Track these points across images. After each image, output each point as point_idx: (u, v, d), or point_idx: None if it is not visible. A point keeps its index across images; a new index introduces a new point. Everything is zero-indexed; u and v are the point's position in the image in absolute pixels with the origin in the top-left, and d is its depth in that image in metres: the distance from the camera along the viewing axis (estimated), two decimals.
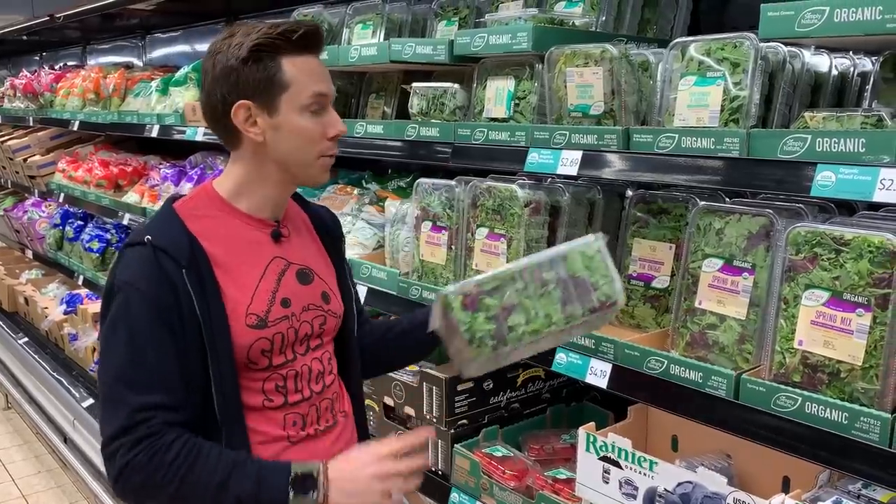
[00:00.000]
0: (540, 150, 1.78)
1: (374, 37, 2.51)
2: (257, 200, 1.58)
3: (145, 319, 1.45)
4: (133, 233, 1.57)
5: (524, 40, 1.78)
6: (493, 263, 1.97)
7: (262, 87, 1.48)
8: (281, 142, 1.52)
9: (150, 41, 5.54)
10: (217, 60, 1.48)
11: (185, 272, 1.47)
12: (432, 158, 2.12)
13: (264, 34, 1.47)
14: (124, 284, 1.47)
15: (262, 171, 1.56)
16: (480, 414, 2.25)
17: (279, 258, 1.60)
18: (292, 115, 1.51)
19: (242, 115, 1.49)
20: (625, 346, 1.67)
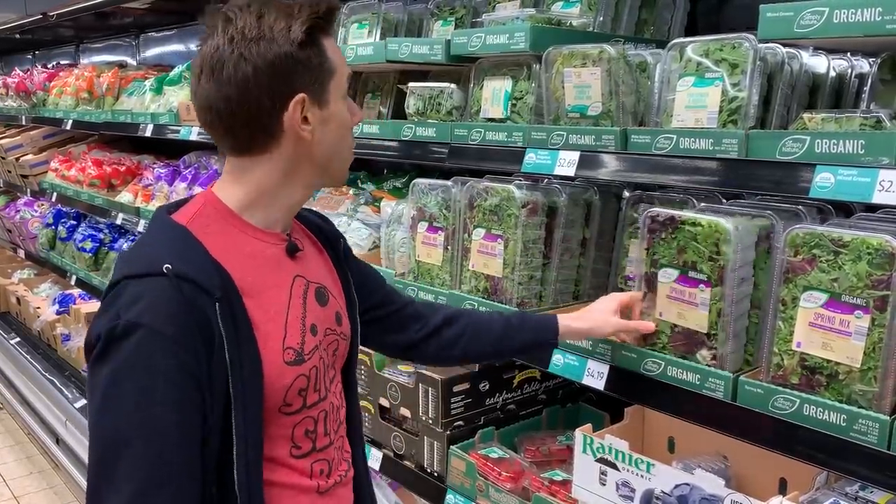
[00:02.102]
0: (537, 151, 1.78)
1: (371, 36, 2.50)
2: (276, 212, 1.33)
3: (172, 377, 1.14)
4: (134, 260, 1.24)
5: (521, 40, 1.77)
6: (489, 264, 1.96)
7: (318, 75, 1.26)
8: (327, 136, 1.30)
9: (144, 40, 5.51)
10: (256, 50, 1.20)
11: (218, 306, 1.19)
12: (429, 159, 2.12)
13: (312, 13, 1.23)
14: (137, 326, 1.13)
15: (294, 176, 1.31)
16: (476, 415, 2.24)
17: (300, 277, 1.36)
18: (339, 105, 1.31)
19: (299, 111, 1.24)
20: (622, 347, 1.66)
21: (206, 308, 1.18)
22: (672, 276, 1.59)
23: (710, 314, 1.54)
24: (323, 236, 1.52)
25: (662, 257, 1.61)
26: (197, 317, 1.17)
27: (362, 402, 2.47)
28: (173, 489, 1.14)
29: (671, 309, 1.61)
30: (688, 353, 1.59)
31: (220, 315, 1.19)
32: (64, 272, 4.72)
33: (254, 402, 1.23)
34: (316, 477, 1.36)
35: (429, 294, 2.12)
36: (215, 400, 1.19)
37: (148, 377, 1.13)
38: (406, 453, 2.31)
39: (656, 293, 1.63)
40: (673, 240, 1.59)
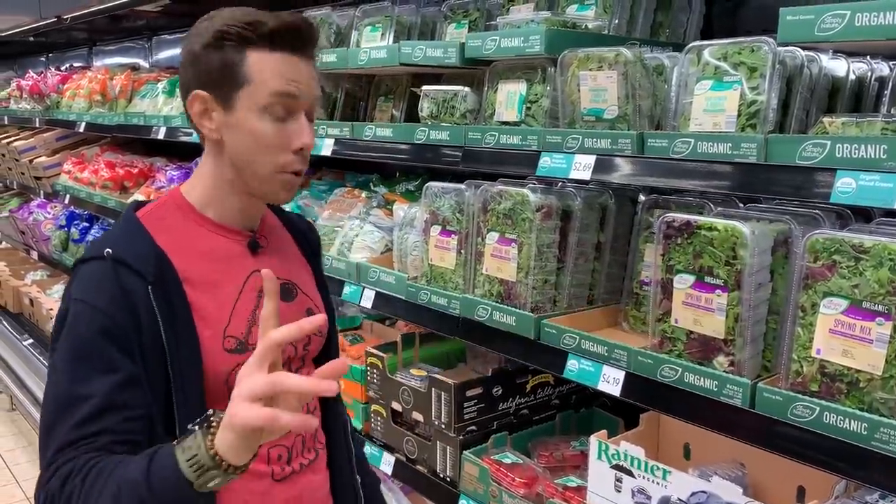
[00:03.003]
0: (552, 155, 1.76)
1: (384, 39, 2.50)
2: (227, 209, 1.42)
3: (96, 340, 1.27)
4: (91, 246, 1.38)
5: (537, 43, 1.76)
6: (503, 268, 1.95)
7: (219, 77, 1.33)
8: (236, 143, 1.36)
9: (157, 42, 5.53)
10: (185, 44, 1.36)
11: (150, 288, 1.30)
12: (442, 162, 2.11)
13: (234, 21, 1.32)
14: (76, 301, 1.29)
15: (224, 175, 1.40)
16: (489, 420, 2.23)
17: (256, 273, 1.41)
18: (250, 115, 1.34)
19: (198, 106, 1.36)
20: (638, 353, 1.65)
21: (138, 289, 1.30)
22: (688, 282, 1.58)
23: (727, 320, 1.52)
24: (303, 238, 1.62)
25: (678, 263, 1.60)
26: (129, 297, 1.29)
27: (374, 407, 2.47)
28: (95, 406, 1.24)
29: (687, 315, 1.59)
30: (704, 360, 1.57)
31: (154, 297, 1.30)
32: None
33: (193, 383, 1.32)
34: (273, 462, 1.42)
35: (442, 298, 2.11)
36: (153, 377, 1.29)
37: (88, 342, 1.27)
38: (418, 458, 2.30)
39: (672, 299, 1.62)
40: (689, 245, 1.57)
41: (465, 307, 2.03)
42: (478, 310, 1.99)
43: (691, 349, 1.59)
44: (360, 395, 2.52)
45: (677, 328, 1.61)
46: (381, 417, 2.44)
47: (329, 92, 2.76)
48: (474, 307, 2.00)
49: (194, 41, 1.34)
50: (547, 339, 1.84)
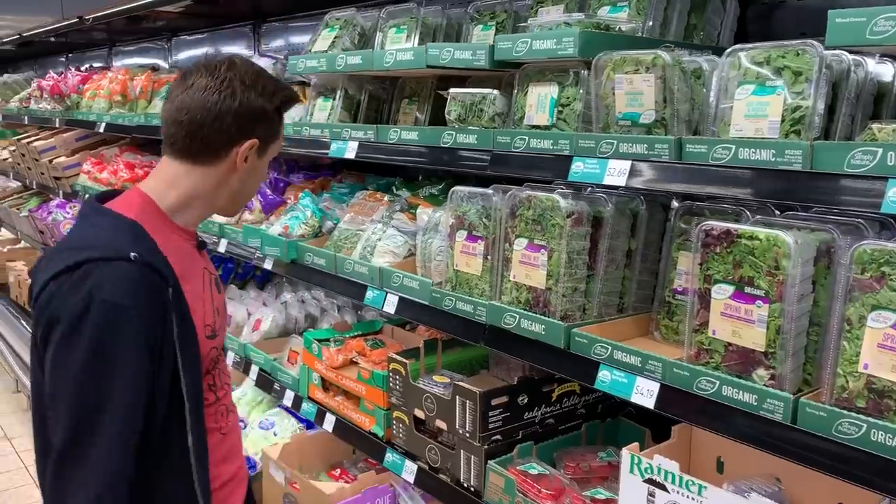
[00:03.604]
0: (585, 160, 1.72)
1: (409, 41, 2.46)
2: (193, 217, 1.65)
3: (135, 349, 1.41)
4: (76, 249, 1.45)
5: (570, 46, 1.72)
6: (532, 275, 1.91)
7: (273, 132, 1.65)
8: (251, 179, 1.66)
9: (176, 43, 5.53)
10: (246, 94, 1.56)
11: (171, 291, 1.47)
12: (469, 166, 2.07)
13: (292, 93, 1.68)
14: (107, 304, 1.37)
15: (217, 194, 1.63)
16: (514, 429, 2.18)
17: (206, 269, 1.69)
18: (265, 162, 1.68)
19: (247, 150, 1.59)
20: (673, 364, 1.60)
21: (164, 292, 1.47)
22: (727, 292, 1.53)
23: (767, 332, 1.47)
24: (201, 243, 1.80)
25: (717, 272, 1.55)
26: (158, 298, 1.45)
27: (396, 413, 2.44)
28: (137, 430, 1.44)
29: (725, 326, 1.54)
30: (743, 373, 1.52)
31: (173, 298, 1.48)
32: None
33: (195, 368, 1.55)
34: (220, 420, 1.70)
35: (468, 304, 2.07)
36: (164, 368, 1.47)
37: (123, 348, 1.40)
38: (441, 467, 2.26)
39: (709, 310, 1.57)
40: (728, 254, 1.53)
41: (492, 314, 1.99)
42: (505, 317, 1.95)
43: (729, 361, 1.54)
44: (382, 401, 2.49)
45: (715, 340, 1.56)
46: (404, 424, 2.40)
47: (352, 94, 2.72)
48: (501, 315, 1.96)
49: (258, 97, 1.57)
50: (577, 348, 1.80)
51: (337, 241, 2.79)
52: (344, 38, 2.64)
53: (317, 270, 2.72)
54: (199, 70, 1.58)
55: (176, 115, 1.56)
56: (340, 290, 2.62)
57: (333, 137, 2.59)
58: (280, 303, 3.58)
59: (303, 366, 2.87)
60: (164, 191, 1.59)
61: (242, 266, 4.12)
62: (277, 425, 3.16)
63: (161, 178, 1.61)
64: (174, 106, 1.57)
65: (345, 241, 2.77)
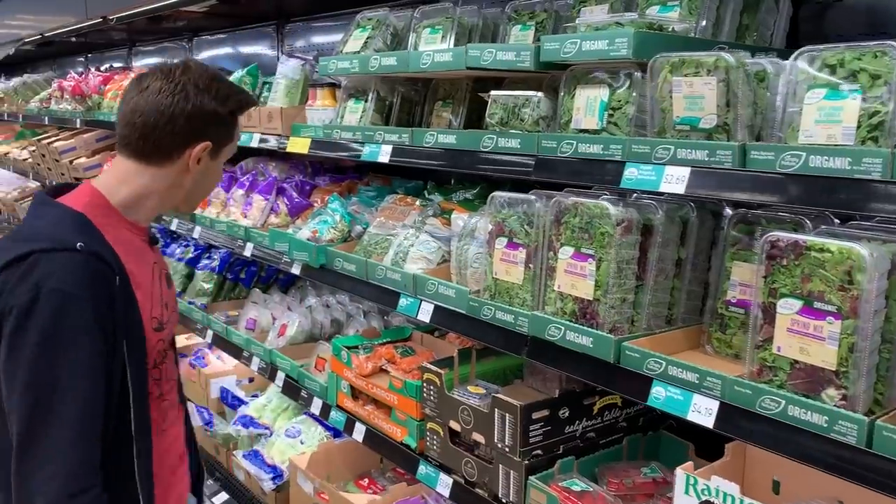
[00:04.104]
0: (639, 166, 1.64)
1: (444, 42, 2.39)
2: (146, 214, 1.72)
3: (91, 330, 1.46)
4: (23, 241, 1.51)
5: (623, 47, 1.64)
6: (578, 285, 1.83)
7: (226, 135, 1.72)
8: (204, 180, 1.74)
9: (197, 43, 5.49)
10: (200, 98, 1.61)
11: (118, 279, 1.54)
12: (510, 171, 2.00)
13: (247, 97, 1.76)
14: (57, 292, 1.43)
15: (171, 193, 1.71)
16: (555, 444, 2.11)
17: (156, 263, 1.77)
18: (219, 163, 1.76)
19: (200, 151, 1.66)
20: (734, 382, 1.52)
21: (111, 280, 1.52)
22: (794, 307, 1.45)
23: (839, 349, 1.39)
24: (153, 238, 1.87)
25: (783, 286, 1.47)
26: (105, 285, 1.51)
27: (430, 425, 2.36)
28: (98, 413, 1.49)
29: (792, 343, 1.46)
30: (810, 392, 1.44)
31: (119, 287, 1.54)
32: None
33: (140, 358, 1.61)
34: (163, 414, 1.76)
35: (508, 314, 2.00)
36: (116, 353, 1.54)
37: (73, 332, 1.45)
38: (478, 481, 2.19)
39: (774, 325, 1.49)
40: (796, 267, 1.45)
41: (535, 325, 1.92)
42: (549, 329, 1.87)
43: (795, 380, 1.46)
44: (415, 411, 2.42)
45: (780, 357, 1.48)
46: (438, 437, 2.33)
47: (384, 96, 2.66)
48: (545, 326, 1.88)
49: (212, 101, 1.63)
50: (628, 363, 1.72)
51: (367, 247, 2.72)
52: (376, 38, 2.58)
53: (347, 276, 2.66)
54: (155, 73, 1.63)
55: (130, 118, 1.62)
56: (372, 297, 2.55)
57: (366, 140, 2.53)
58: (305, 307, 3.52)
59: (331, 373, 2.81)
60: (115, 187, 1.66)
61: (266, 269, 4.07)
62: (304, 433, 3.10)
63: (114, 175, 1.68)
64: (129, 108, 1.63)
65: (375, 246, 2.70)
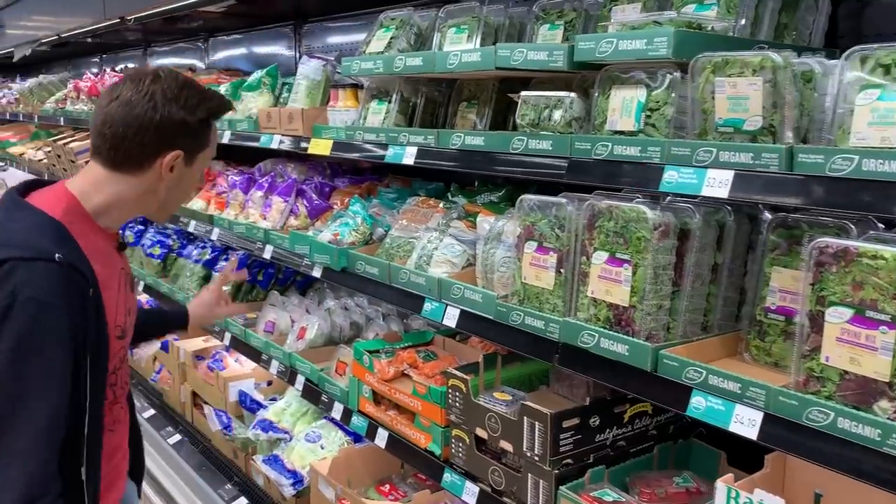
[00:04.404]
0: (680, 169, 1.59)
1: (470, 42, 2.34)
2: (117, 220, 1.74)
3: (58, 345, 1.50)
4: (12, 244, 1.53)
5: (663, 46, 1.59)
6: (613, 291, 1.78)
7: (198, 143, 1.72)
8: (178, 188, 1.75)
9: (213, 43, 5.46)
10: (168, 108, 1.62)
11: (91, 291, 1.56)
12: (541, 174, 1.95)
13: (218, 102, 1.75)
14: (33, 301, 1.46)
15: (144, 200, 1.72)
16: (585, 452, 2.06)
17: (123, 269, 1.77)
18: (196, 171, 1.77)
19: (172, 160, 1.66)
20: (779, 392, 1.47)
21: (85, 291, 1.55)
22: (844, 316, 1.40)
23: (893, 360, 1.34)
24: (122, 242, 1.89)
25: (832, 294, 1.42)
26: (79, 296, 1.53)
27: (455, 431, 2.32)
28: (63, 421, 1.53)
29: (842, 353, 1.41)
30: (861, 404, 1.39)
31: (92, 299, 1.56)
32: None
33: (101, 366, 1.64)
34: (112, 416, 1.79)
35: (538, 320, 1.95)
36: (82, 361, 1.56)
37: (47, 340, 1.49)
38: (506, 489, 2.14)
39: (822, 334, 1.44)
40: (846, 274, 1.39)
41: (567, 332, 1.87)
42: (582, 335, 1.83)
43: (845, 391, 1.41)
44: (440, 418, 2.37)
45: (828, 367, 1.43)
46: (464, 444, 2.29)
47: (407, 97, 2.62)
48: (577, 333, 1.84)
49: (181, 109, 1.64)
50: (666, 371, 1.67)
51: (389, 249, 2.68)
52: (400, 38, 2.54)
53: (369, 280, 2.62)
54: (126, 83, 1.65)
55: (101, 128, 1.64)
56: (395, 301, 2.51)
57: (390, 142, 2.49)
58: (324, 310, 3.48)
59: (352, 377, 2.77)
60: (89, 193, 1.67)
61: (283, 271, 4.03)
62: (324, 438, 3.07)
63: (88, 181, 1.69)
64: (100, 118, 1.65)
65: (397, 249, 2.66)
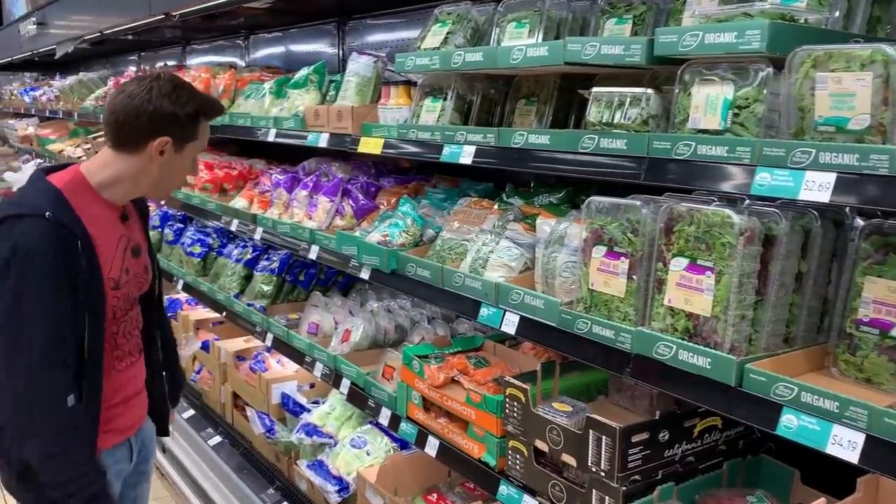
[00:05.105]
0: (773, 171, 1.49)
1: (531, 36, 2.25)
2: (119, 194, 2.09)
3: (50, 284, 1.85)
4: (12, 205, 1.93)
5: (756, 39, 1.49)
6: (693, 300, 1.68)
7: (187, 134, 2.06)
8: (170, 172, 2.09)
9: (254, 41, 5.42)
10: (160, 101, 1.98)
11: (80, 244, 1.91)
12: (614, 175, 1.85)
13: (205, 104, 2.10)
14: (31, 251, 1.83)
15: (139, 178, 2.07)
16: (654, 469, 1.96)
17: (124, 236, 2.12)
18: (186, 158, 2.11)
19: (161, 146, 2.02)
20: (884, 413, 1.36)
21: (72, 244, 1.90)
22: None
23: None
24: (144, 214, 2.34)
25: None
26: (66, 247, 1.89)
27: (512, 443, 2.23)
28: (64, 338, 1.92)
29: None
30: None
31: (82, 250, 1.91)
32: (170, 276, 4.63)
33: (98, 308, 2.00)
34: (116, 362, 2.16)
35: (607, 329, 1.85)
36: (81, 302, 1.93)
37: (40, 283, 1.85)
38: None
39: None
40: None
41: (640, 343, 1.77)
42: (657, 347, 1.73)
43: None
44: (495, 428, 2.28)
45: None
46: (521, 456, 2.19)
47: (463, 94, 2.53)
48: (653, 343, 1.74)
49: (173, 104, 2.00)
50: (752, 387, 1.57)
51: (440, 252, 2.60)
52: (457, 34, 2.45)
53: (420, 283, 2.53)
54: (132, 81, 2.04)
55: (109, 117, 2.03)
56: (449, 306, 2.42)
57: (446, 141, 2.40)
58: (367, 312, 3.41)
59: (401, 383, 2.69)
60: (97, 170, 2.06)
61: (325, 271, 3.97)
62: (370, 443, 2.99)
63: (97, 160, 2.09)
64: (109, 108, 2.03)
65: (449, 251, 2.58)
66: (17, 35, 8.40)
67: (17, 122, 9.71)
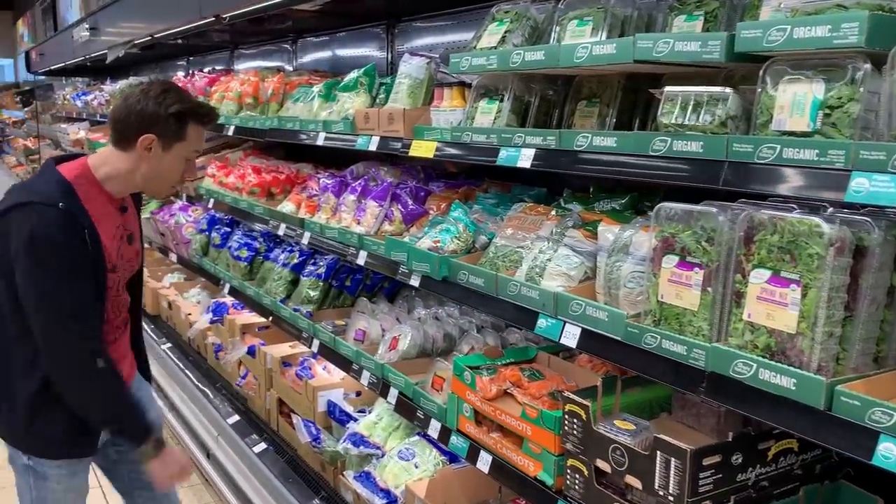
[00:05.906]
0: (872, 176, 1.36)
1: (595, 35, 2.14)
2: (119, 188, 2.35)
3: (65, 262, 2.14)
4: (27, 192, 2.21)
5: (853, 33, 1.37)
6: (776, 315, 1.56)
7: (172, 133, 2.28)
8: (158, 169, 2.33)
9: (302, 45, 5.40)
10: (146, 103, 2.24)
11: (86, 232, 2.18)
12: (687, 179, 1.74)
13: (190, 107, 2.31)
14: (50, 235, 2.12)
15: (132, 174, 2.32)
16: (726, 493, 1.83)
17: (121, 226, 2.39)
18: (177, 158, 2.34)
19: (146, 143, 2.27)
20: None
21: (79, 230, 2.18)
22: None
23: None
24: (138, 202, 2.61)
25: None
26: (76, 234, 2.17)
27: (571, 461, 2.11)
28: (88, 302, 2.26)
29: None
30: None
31: (89, 237, 2.20)
32: (217, 279, 4.62)
33: (101, 288, 2.30)
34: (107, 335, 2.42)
35: (679, 345, 1.74)
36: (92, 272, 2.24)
37: (58, 261, 2.15)
38: None
39: None
40: None
41: (716, 360, 1.65)
42: (735, 364, 1.61)
43: None
44: (553, 445, 2.17)
45: None
46: (581, 476, 2.08)
47: (520, 95, 2.43)
48: (730, 361, 1.61)
49: (158, 105, 2.24)
50: (843, 411, 1.43)
51: (493, 259, 2.50)
52: (515, 33, 2.36)
53: (473, 291, 2.44)
54: (134, 88, 2.31)
55: (109, 117, 2.33)
56: (506, 316, 2.32)
57: (503, 144, 2.31)
58: (415, 319, 3.33)
59: (451, 394, 2.60)
60: (99, 164, 2.32)
61: (371, 277, 3.91)
62: (418, 456, 2.90)
63: (101, 156, 2.35)
64: (111, 111, 2.34)
65: (503, 259, 2.48)
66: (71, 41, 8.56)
67: (69, 125, 9.90)
